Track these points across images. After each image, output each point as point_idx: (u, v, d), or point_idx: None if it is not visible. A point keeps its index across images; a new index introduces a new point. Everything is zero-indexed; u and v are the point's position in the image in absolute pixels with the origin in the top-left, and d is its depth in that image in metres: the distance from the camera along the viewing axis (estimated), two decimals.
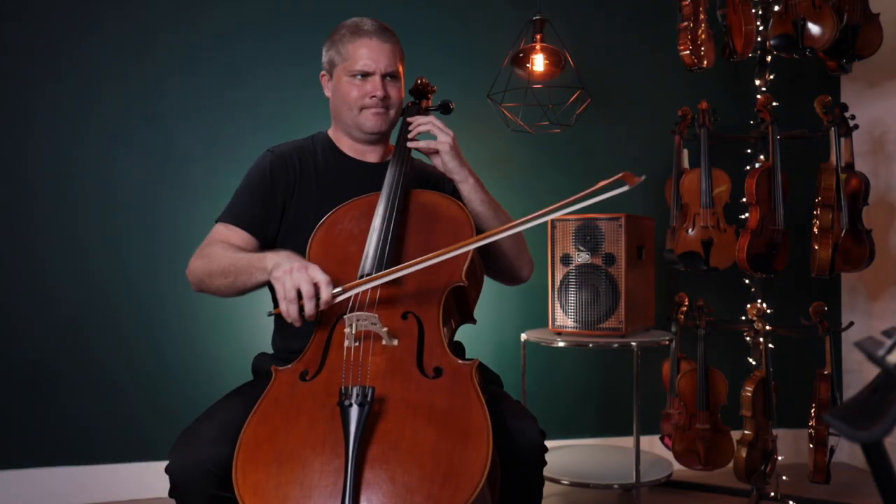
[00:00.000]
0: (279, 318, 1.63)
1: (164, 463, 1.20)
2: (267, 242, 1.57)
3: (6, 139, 2.62)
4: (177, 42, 2.74)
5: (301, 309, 1.26)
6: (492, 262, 1.62)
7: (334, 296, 1.27)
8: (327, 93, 1.64)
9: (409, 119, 1.62)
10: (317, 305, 1.26)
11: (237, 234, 1.53)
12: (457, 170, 1.54)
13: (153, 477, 2.60)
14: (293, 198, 1.57)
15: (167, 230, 2.70)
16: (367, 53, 1.54)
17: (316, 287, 1.26)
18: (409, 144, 1.57)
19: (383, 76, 1.55)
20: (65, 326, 2.63)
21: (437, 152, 1.54)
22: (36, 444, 2.60)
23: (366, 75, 1.55)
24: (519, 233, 1.56)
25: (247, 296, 2.62)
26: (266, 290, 1.64)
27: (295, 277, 1.26)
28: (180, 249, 2.72)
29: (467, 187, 1.55)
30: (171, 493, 1.21)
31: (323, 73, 1.64)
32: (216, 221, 1.56)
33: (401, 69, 1.60)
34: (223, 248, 1.47)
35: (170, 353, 2.70)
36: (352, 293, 1.30)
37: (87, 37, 2.68)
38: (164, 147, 2.73)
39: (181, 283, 2.69)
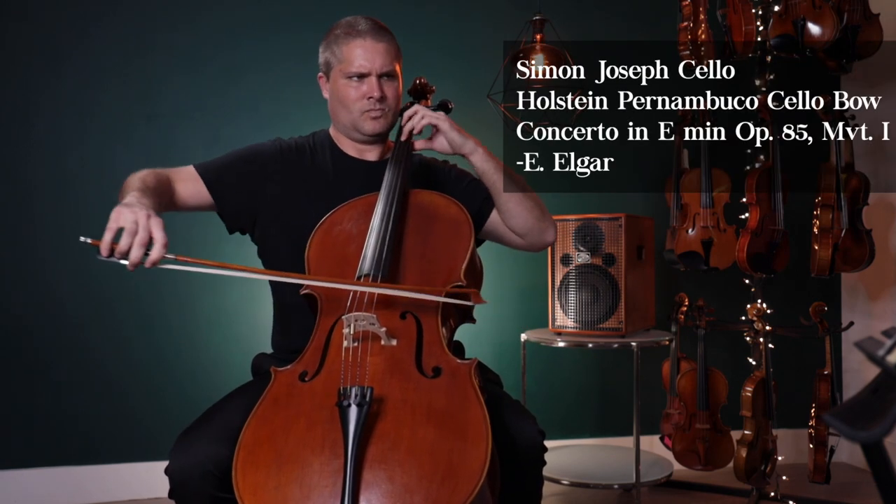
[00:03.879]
0: (279, 315, 1.63)
1: (165, 463, 1.20)
2: (227, 209, 1.57)
3: (6, 139, 2.62)
4: (177, 42, 2.74)
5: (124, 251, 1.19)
6: (518, 229, 1.59)
7: (164, 259, 1.21)
8: (325, 94, 1.64)
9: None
10: (145, 255, 1.20)
11: (193, 183, 1.55)
12: (462, 143, 1.54)
13: (154, 477, 2.60)
14: (289, 196, 1.56)
15: (167, 230, 2.69)
16: (362, 54, 1.53)
17: (151, 240, 1.21)
18: (415, 146, 1.58)
19: (379, 76, 1.54)
20: (65, 326, 2.63)
21: (437, 133, 1.55)
22: (36, 444, 2.60)
23: (362, 76, 1.54)
24: (536, 196, 1.59)
25: (247, 296, 2.69)
26: (269, 294, 1.64)
27: (138, 216, 1.21)
28: (180, 249, 2.71)
29: (478, 157, 1.54)
30: (171, 495, 1.21)
31: (320, 74, 1.63)
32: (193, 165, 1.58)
33: (397, 68, 1.59)
34: (157, 176, 1.46)
35: (170, 353, 2.70)
36: (185, 268, 1.25)
37: (87, 37, 2.68)
38: (164, 147, 2.73)
39: (181, 282, 2.73)
